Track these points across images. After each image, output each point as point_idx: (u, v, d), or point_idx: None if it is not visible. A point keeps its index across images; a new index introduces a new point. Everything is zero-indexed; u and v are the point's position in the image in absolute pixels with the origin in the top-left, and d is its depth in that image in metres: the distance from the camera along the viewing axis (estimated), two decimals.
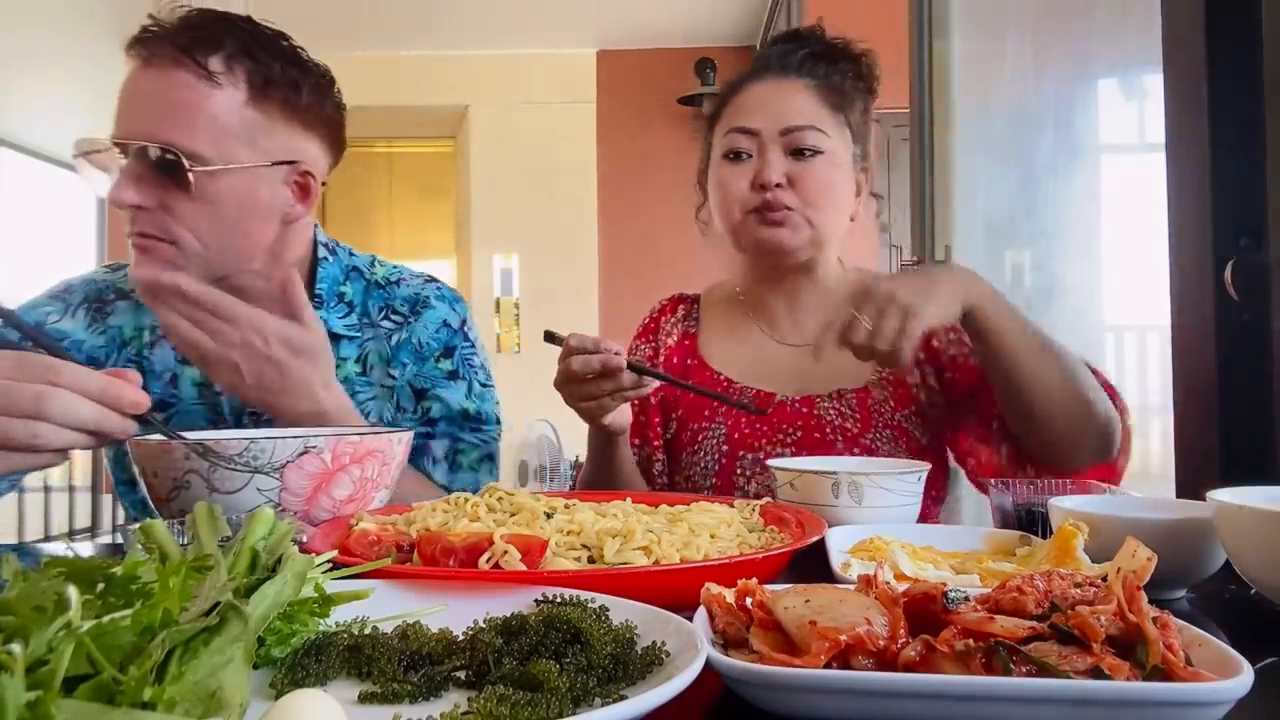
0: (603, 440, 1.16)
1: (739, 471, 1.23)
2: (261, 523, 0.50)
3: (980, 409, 1.19)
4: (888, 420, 1.22)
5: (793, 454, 1.20)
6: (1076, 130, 1.84)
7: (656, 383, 1.14)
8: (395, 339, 1.22)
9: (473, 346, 1.26)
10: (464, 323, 1.27)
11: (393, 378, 1.21)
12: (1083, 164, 1.82)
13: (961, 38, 2.40)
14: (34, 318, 1.14)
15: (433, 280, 1.29)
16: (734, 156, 1.23)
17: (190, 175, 1.01)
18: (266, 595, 0.44)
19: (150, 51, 1.04)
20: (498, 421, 1.26)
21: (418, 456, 1.20)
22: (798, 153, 1.20)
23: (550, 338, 1.08)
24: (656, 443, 1.30)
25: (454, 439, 1.21)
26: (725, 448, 1.25)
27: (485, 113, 4.97)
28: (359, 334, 1.21)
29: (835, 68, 1.26)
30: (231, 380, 0.95)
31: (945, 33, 2.43)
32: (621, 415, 1.12)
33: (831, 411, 1.23)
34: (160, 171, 1.02)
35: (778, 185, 1.18)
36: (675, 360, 1.32)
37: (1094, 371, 1.09)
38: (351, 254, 1.26)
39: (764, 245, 1.22)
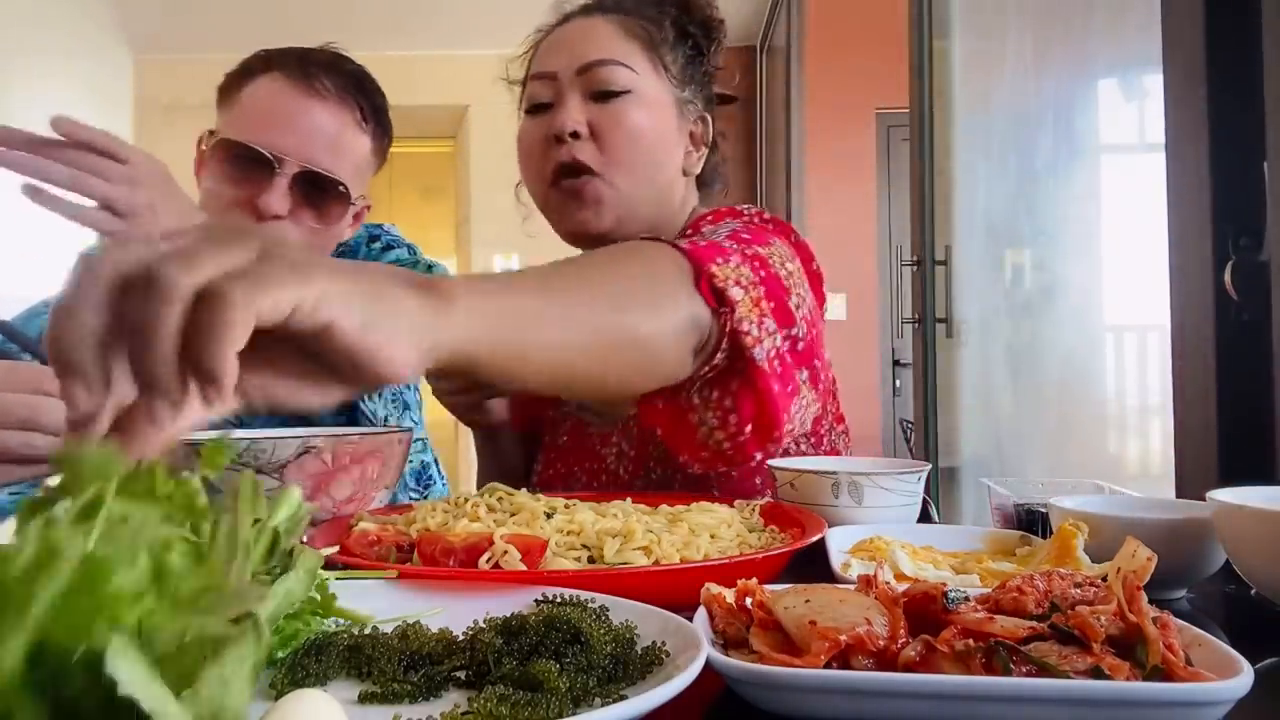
0: (483, 437, 1.14)
1: None
2: (287, 503, 0.48)
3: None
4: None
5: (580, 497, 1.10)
6: (1076, 130, 1.84)
7: None
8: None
9: (408, 249, 1.34)
10: (384, 229, 1.35)
11: None
12: (1083, 164, 1.82)
13: (961, 38, 2.40)
14: (34, 327, 1.14)
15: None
16: (534, 109, 1.04)
17: (351, 210, 1.15)
18: (278, 594, 0.43)
19: (321, 84, 1.13)
20: None
21: None
22: (601, 96, 1.00)
23: None
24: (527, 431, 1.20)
25: None
26: (537, 487, 1.14)
27: (485, 113, 4.96)
28: None
29: (648, 4, 1.08)
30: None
31: (945, 33, 2.43)
32: (500, 408, 1.09)
33: (612, 454, 1.07)
34: (315, 195, 1.12)
35: (574, 135, 0.99)
36: None
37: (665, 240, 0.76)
38: None
39: (571, 234, 1.05)
